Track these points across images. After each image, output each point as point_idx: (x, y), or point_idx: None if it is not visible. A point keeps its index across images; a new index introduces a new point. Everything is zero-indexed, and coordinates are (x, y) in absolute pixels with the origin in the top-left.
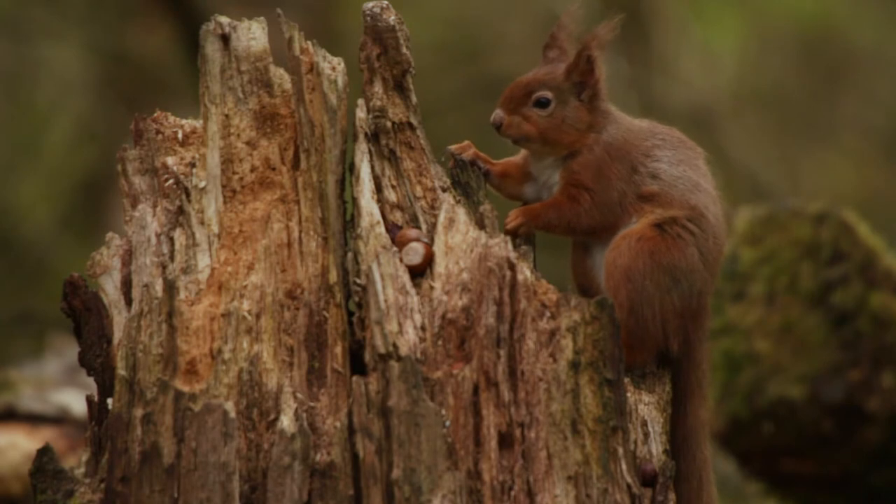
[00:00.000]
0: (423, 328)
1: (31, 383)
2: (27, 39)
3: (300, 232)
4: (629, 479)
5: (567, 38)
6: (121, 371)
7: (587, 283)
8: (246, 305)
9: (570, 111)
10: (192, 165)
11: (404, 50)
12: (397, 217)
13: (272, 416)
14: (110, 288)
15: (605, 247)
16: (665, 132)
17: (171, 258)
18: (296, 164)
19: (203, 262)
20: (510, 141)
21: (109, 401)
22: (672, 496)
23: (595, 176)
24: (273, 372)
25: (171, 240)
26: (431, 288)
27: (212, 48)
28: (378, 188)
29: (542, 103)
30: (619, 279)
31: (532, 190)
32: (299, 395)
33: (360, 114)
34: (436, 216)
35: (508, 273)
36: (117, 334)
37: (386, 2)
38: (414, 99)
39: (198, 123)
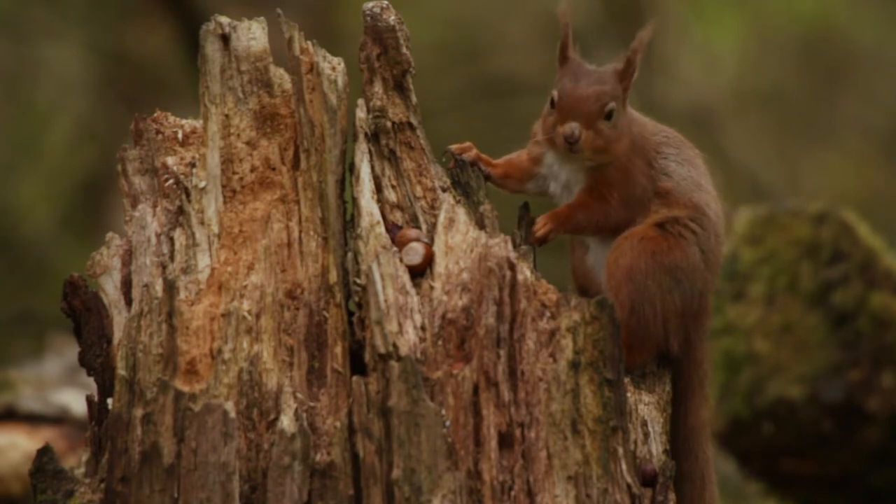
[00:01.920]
0: (423, 328)
1: (31, 383)
2: (27, 39)
3: (300, 232)
4: (629, 479)
5: (572, 34)
6: (121, 371)
7: (587, 283)
8: (246, 305)
9: (622, 120)
10: (192, 165)
11: (404, 50)
12: (397, 217)
13: (272, 416)
14: (110, 288)
15: (605, 246)
16: (667, 133)
17: (171, 258)
18: (296, 164)
19: (203, 262)
20: (576, 153)
21: (109, 401)
22: (672, 496)
23: (622, 173)
24: (273, 372)
25: (171, 240)
26: (431, 288)
27: (212, 48)
28: (378, 188)
29: (610, 115)
30: (620, 279)
31: (534, 186)
32: (299, 395)
33: (360, 114)
34: (436, 216)
35: (508, 273)
36: (117, 334)
37: (386, 2)
38: (414, 99)
39: (198, 123)
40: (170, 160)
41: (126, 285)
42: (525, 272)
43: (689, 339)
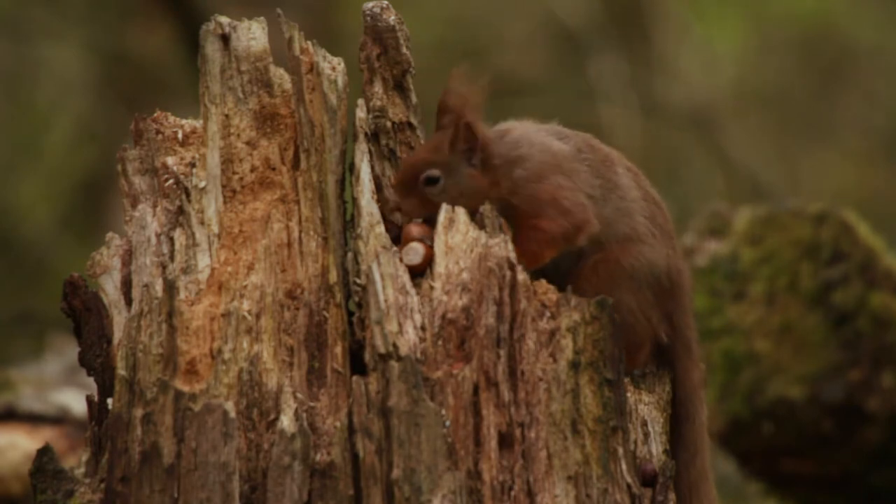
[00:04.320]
0: (423, 328)
1: (31, 383)
2: (27, 39)
3: (300, 232)
4: (629, 479)
5: (457, 101)
6: (121, 371)
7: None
8: (246, 305)
9: (465, 180)
10: (192, 165)
11: (404, 50)
12: (397, 217)
13: (272, 416)
14: (110, 288)
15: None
16: (585, 149)
17: (171, 258)
18: (296, 164)
19: (203, 262)
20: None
21: (109, 401)
22: (672, 496)
23: (551, 200)
24: (273, 372)
25: (171, 240)
26: (431, 288)
27: (212, 48)
28: (378, 188)
29: (432, 181)
30: None
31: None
32: (299, 395)
33: (360, 114)
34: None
35: (508, 273)
36: (117, 334)
37: (386, 2)
38: (414, 99)
39: (198, 123)
40: (170, 160)
41: (126, 285)
42: (525, 272)
43: (667, 313)
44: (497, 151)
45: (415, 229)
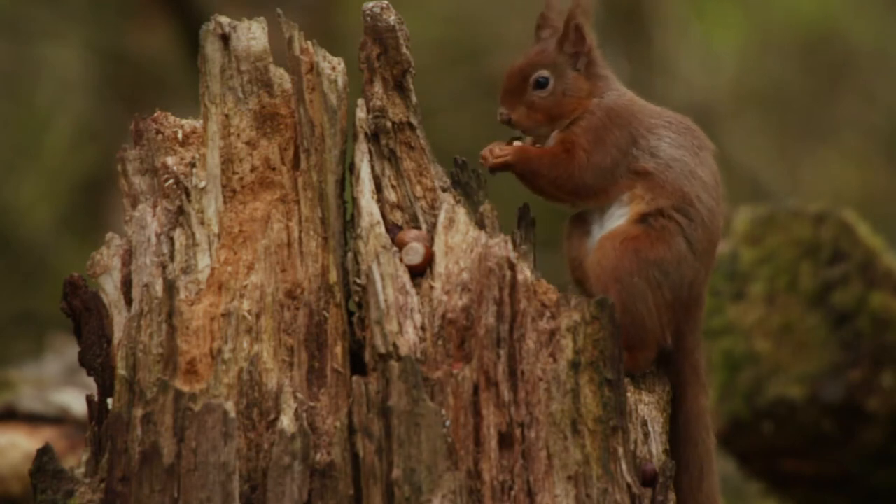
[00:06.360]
0: (423, 328)
1: (31, 383)
2: (27, 39)
3: (300, 232)
4: (629, 479)
5: (557, 16)
6: (121, 371)
7: (583, 274)
8: (246, 305)
9: (570, 82)
10: (192, 165)
11: (404, 50)
12: (397, 217)
13: (272, 416)
14: (110, 288)
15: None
16: (673, 117)
17: (171, 258)
18: (296, 164)
19: (203, 262)
20: (520, 131)
21: (109, 401)
22: (672, 496)
23: (594, 139)
24: (273, 372)
25: (171, 240)
26: (431, 288)
27: (212, 48)
28: (378, 188)
29: (542, 84)
30: (607, 280)
31: None
32: (299, 395)
33: (360, 114)
34: (436, 216)
35: (508, 273)
36: (117, 334)
37: (386, 2)
38: (414, 99)
39: (198, 123)
40: (170, 160)
41: (126, 285)
42: (525, 272)
43: (679, 331)
44: (603, 72)
45: (411, 231)
